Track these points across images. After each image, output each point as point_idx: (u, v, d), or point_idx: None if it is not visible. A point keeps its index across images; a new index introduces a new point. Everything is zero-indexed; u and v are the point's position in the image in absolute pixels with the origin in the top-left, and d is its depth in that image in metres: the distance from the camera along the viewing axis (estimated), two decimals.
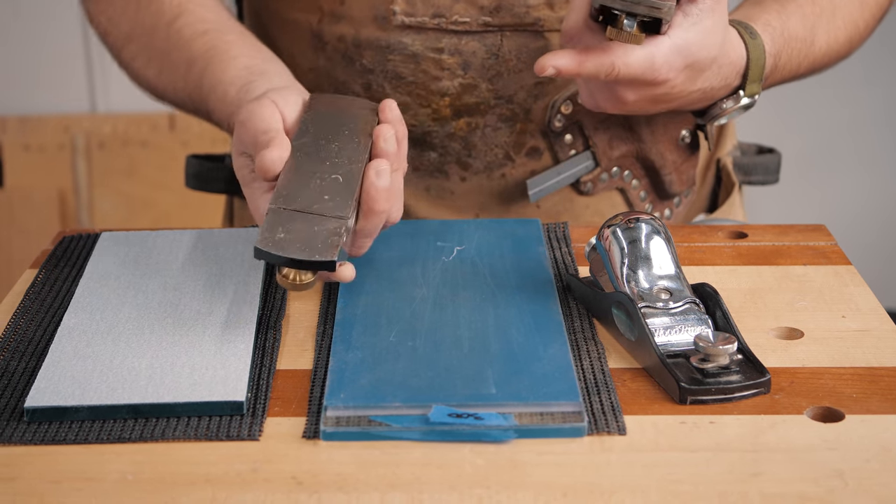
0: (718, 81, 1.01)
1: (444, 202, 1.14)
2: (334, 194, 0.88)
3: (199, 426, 0.78)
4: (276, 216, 0.86)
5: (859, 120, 2.61)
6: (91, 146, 2.59)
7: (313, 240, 0.84)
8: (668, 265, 0.88)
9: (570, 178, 1.13)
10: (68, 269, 1.00)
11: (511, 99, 1.10)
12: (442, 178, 1.14)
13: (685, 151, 1.17)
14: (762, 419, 0.78)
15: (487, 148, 1.12)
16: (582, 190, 1.14)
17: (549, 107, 1.11)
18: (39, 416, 0.79)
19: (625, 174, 1.15)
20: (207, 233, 1.03)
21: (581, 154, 1.13)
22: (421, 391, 0.80)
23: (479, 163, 1.12)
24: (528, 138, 1.12)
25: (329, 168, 0.90)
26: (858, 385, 0.82)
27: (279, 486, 0.73)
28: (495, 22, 1.07)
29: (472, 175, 1.13)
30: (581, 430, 0.77)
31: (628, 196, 1.16)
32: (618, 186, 1.15)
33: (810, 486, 0.72)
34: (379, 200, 0.88)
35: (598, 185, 1.14)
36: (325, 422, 0.78)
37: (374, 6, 1.08)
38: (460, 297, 0.93)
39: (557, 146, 1.12)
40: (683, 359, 0.83)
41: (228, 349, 0.85)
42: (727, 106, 1.04)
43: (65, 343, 0.86)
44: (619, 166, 1.14)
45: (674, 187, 1.17)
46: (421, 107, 1.10)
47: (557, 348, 0.85)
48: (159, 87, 1.10)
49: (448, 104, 1.10)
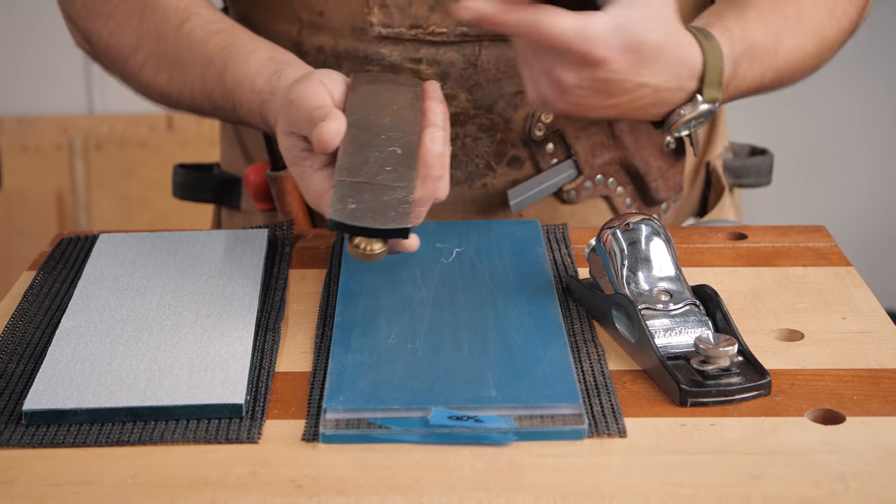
0: (670, 79, 0.94)
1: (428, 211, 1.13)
2: (395, 165, 0.88)
3: (197, 429, 0.78)
4: (343, 188, 0.86)
5: (858, 120, 2.61)
6: (89, 147, 2.58)
7: (384, 209, 0.85)
8: (669, 267, 0.88)
9: (552, 187, 1.12)
10: (66, 271, 1.00)
11: (491, 108, 1.09)
12: None
13: (670, 157, 1.15)
14: (763, 421, 0.78)
15: (468, 158, 1.11)
16: (565, 199, 1.13)
17: (530, 116, 1.10)
18: (37, 419, 0.79)
19: (609, 181, 1.14)
20: (206, 234, 1.03)
21: (563, 163, 1.12)
22: (420, 393, 0.80)
23: (460, 173, 1.12)
24: (508, 148, 1.11)
25: (385, 141, 0.90)
26: (859, 387, 0.82)
27: (278, 489, 0.72)
28: (472, 32, 1.07)
29: (453, 185, 1.11)
30: (581, 432, 0.76)
31: (613, 203, 1.15)
32: (602, 194, 1.14)
33: (811, 488, 0.71)
34: (435, 167, 0.89)
35: (581, 193, 1.13)
36: (325, 424, 0.77)
37: (352, 17, 1.08)
38: (460, 299, 0.92)
39: (539, 155, 1.11)
40: (684, 361, 0.83)
41: (227, 351, 0.85)
42: (685, 112, 0.97)
43: (63, 345, 0.86)
44: (603, 174, 1.13)
45: (660, 194, 1.16)
46: None
47: (557, 350, 0.85)
48: (172, 93, 1.09)
49: None
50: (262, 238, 1.02)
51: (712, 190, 1.24)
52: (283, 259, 1.01)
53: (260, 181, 1.16)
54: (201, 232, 1.04)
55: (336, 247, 1.04)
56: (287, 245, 1.03)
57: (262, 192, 1.16)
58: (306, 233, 1.08)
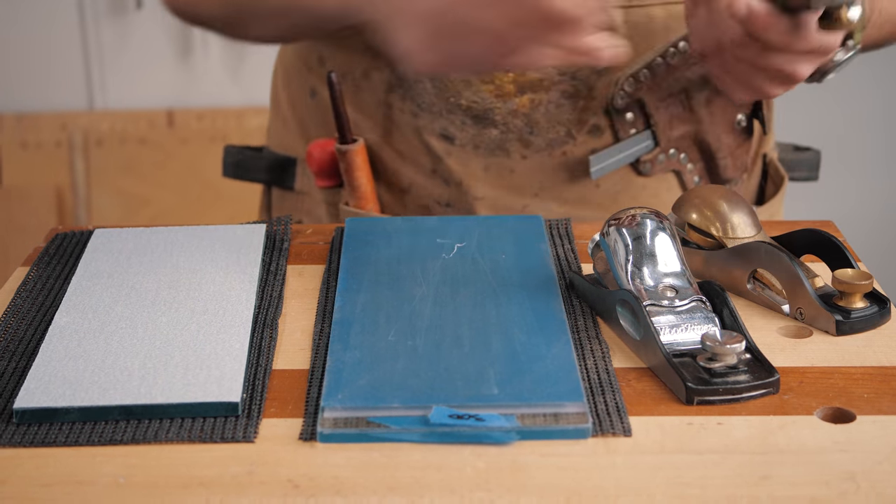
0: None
1: (503, 181, 1.13)
2: None
3: (192, 428, 0.77)
4: None
5: (869, 115, 2.60)
6: (89, 143, 2.58)
7: None
8: (674, 262, 0.87)
9: (630, 156, 1.13)
10: (60, 266, 0.98)
11: (574, 75, 1.09)
12: (502, 156, 1.12)
13: (740, 136, 1.17)
14: (771, 420, 0.77)
15: (549, 125, 1.11)
16: (641, 170, 1.14)
17: (613, 84, 1.10)
18: (29, 418, 0.78)
19: (681, 157, 1.15)
20: (202, 229, 1.02)
21: (641, 133, 1.13)
22: (421, 392, 0.79)
23: (541, 140, 1.12)
24: (589, 115, 1.11)
25: None
26: (870, 385, 0.81)
27: (275, 489, 0.71)
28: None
29: (533, 153, 1.12)
30: (585, 431, 0.75)
31: (683, 179, 1.16)
32: (674, 169, 1.15)
33: (821, 488, 0.70)
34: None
35: (655, 165, 1.14)
36: (323, 423, 0.76)
37: None
38: (461, 295, 0.91)
39: (618, 124, 1.12)
40: (690, 358, 0.82)
41: (223, 348, 0.84)
42: (838, 58, 1.00)
43: (56, 343, 0.85)
44: (677, 148, 1.14)
45: (727, 172, 1.17)
46: (483, 83, 1.09)
47: (560, 347, 0.84)
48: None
49: (511, 80, 1.09)
50: (259, 233, 1.01)
51: (770, 181, 1.26)
52: (281, 254, 1.00)
53: (325, 157, 1.14)
54: (198, 227, 1.02)
55: (335, 242, 1.02)
56: (285, 240, 1.02)
57: (326, 168, 1.15)
58: (305, 228, 1.07)
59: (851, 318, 0.87)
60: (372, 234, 1.02)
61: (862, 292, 0.87)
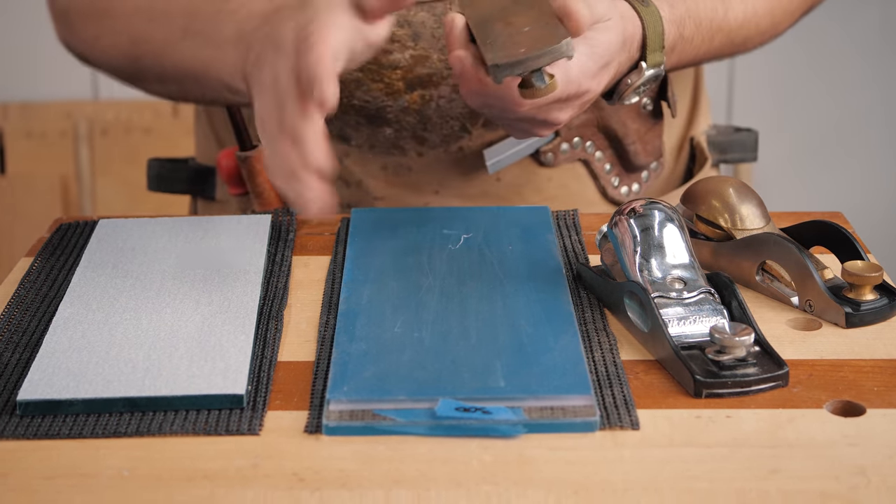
0: (624, 61, 0.98)
1: (402, 179, 1.12)
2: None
3: (197, 420, 0.76)
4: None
5: (876, 105, 2.59)
6: (94, 133, 2.57)
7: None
8: (682, 254, 0.86)
9: (528, 148, 1.11)
10: (65, 257, 0.98)
11: None
12: (399, 154, 1.12)
13: (648, 120, 1.15)
14: (780, 413, 0.76)
15: (443, 120, 1.10)
16: (542, 161, 1.13)
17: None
18: (33, 410, 0.77)
19: (587, 145, 1.13)
20: (207, 220, 1.01)
21: None
22: (427, 384, 0.78)
23: (436, 136, 1.11)
24: None
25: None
26: (880, 378, 0.80)
27: (280, 482, 0.71)
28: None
29: (428, 149, 1.11)
30: (593, 424, 0.75)
31: (593, 168, 1.15)
32: (581, 158, 1.14)
33: (831, 483, 0.70)
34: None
35: (559, 155, 1.13)
36: (328, 416, 0.76)
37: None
38: (468, 287, 0.91)
39: None
40: (698, 350, 0.81)
41: (228, 340, 0.83)
42: (631, 80, 1.00)
43: (60, 334, 0.84)
44: (581, 136, 1.13)
45: (639, 158, 1.16)
46: (373, 81, 1.08)
47: (568, 340, 0.83)
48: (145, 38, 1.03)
49: (400, 77, 1.08)
50: (265, 224, 1.00)
51: (696, 163, 1.25)
52: (286, 245, 0.99)
53: (231, 164, 1.14)
54: (203, 217, 1.02)
55: (341, 233, 1.02)
56: (291, 231, 1.01)
57: (234, 176, 1.14)
58: (311, 219, 1.06)
59: (861, 311, 0.86)
60: (378, 224, 1.01)
61: (872, 284, 0.87)
